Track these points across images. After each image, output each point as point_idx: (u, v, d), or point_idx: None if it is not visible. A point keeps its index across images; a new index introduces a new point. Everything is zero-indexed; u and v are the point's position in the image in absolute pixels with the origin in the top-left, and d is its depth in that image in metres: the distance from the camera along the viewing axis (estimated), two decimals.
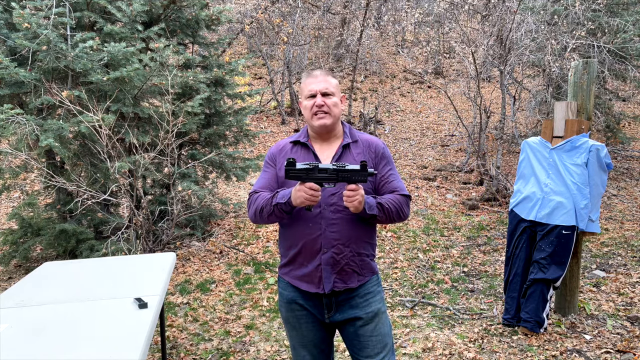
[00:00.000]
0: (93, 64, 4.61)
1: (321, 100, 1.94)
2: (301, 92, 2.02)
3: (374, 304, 1.99)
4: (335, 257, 1.91)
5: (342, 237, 1.90)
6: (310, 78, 1.99)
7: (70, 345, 1.89)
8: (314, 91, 1.95)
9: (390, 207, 1.91)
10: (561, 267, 3.49)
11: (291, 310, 2.03)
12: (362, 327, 1.96)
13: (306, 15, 12.77)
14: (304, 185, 1.79)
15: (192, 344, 3.57)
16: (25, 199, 5.28)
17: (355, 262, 1.95)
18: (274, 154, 2.05)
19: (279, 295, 2.09)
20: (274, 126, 11.38)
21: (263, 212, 1.92)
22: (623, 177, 8.86)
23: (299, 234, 1.93)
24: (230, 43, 10.65)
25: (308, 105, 1.97)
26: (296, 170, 1.79)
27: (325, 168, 1.79)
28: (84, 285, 2.59)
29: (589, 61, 3.74)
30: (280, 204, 1.86)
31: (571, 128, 3.61)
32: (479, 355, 3.27)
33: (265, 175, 2.05)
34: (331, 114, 1.95)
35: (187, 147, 6.04)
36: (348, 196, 1.80)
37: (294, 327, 2.05)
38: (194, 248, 5.61)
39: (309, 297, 1.98)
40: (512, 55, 8.06)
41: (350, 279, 1.95)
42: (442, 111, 13.00)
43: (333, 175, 1.80)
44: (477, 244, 5.78)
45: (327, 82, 1.97)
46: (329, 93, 1.95)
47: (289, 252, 1.99)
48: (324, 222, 1.90)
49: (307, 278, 1.95)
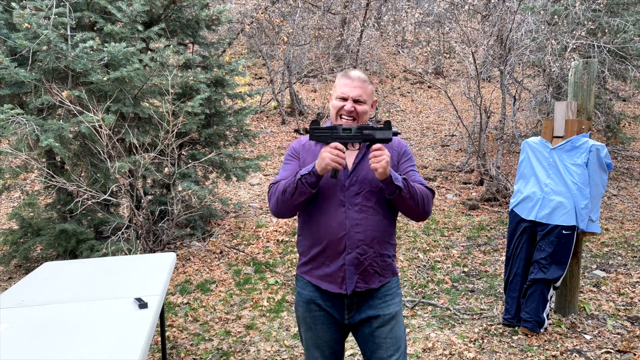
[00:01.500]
0: (93, 64, 4.61)
1: (351, 106, 1.90)
2: (334, 88, 1.97)
3: (392, 306, 1.97)
4: (359, 258, 1.88)
5: (366, 237, 1.88)
6: (345, 79, 1.94)
7: (71, 345, 1.89)
8: (346, 95, 1.90)
9: (416, 189, 1.86)
10: (561, 267, 3.49)
11: (309, 310, 1.99)
12: (378, 329, 1.94)
13: (306, 15, 12.77)
14: (328, 146, 1.76)
15: (192, 344, 3.57)
16: (26, 199, 5.28)
17: (377, 262, 1.92)
18: (297, 148, 2.02)
19: (297, 295, 2.05)
20: (274, 126, 11.38)
21: (286, 193, 1.85)
22: (623, 177, 8.86)
23: (322, 233, 1.90)
24: (231, 43, 10.64)
25: (337, 106, 1.92)
26: (321, 129, 1.78)
27: (349, 127, 1.80)
28: (84, 285, 2.59)
29: (589, 61, 3.74)
30: (304, 175, 1.81)
31: (571, 128, 3.61)
32: (479, 355, 3.27)
33: (288, 166, 2.00)
34: (358, 121, 1.92)
35: (187, 147, 6.04)
36: (375, 156, 1.75)
37: (310, 328, 2.01)
38: (194, 248, 5.61)
39: (329, 297, 1.95)
40: (512, 55, 8.06)
41: (372, 280, 1.93)
42: (442, 111, 13.00)
43: (358, 133, 1.78)
44: (477, 244, 5.78)
45: (362, 88, 1.91)
46: (362, 101, 1.91)
47: (310, 251, 1.96)
48: (348, 222, 1.87)
49: (330, 278, 1.92)
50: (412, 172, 1.98)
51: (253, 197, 7.54)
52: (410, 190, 1.84)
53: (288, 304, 4.25)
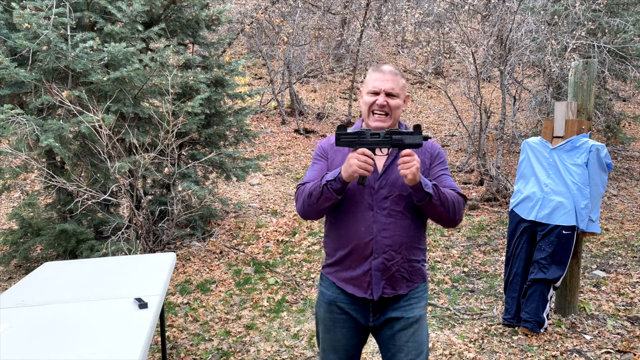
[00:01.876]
0: (93, 64, 4.61)
1: (383, 100, 1.82)
2: (364, 85, 1.90)
3: (416, 309, 1.90)
4: (386, 264, 1.83)
5: (394, 242, 1.82)
6: (377, 73, 1.86)
7: (71, 345, 1.89)
8: (378, 89, 1.83)
9: (447, 195, 1.78)
10: (561, 267, 3.49)
11: (330, 311, 1.94)
12: (400, 331, 1.88)
13: (306, 16, 12.77)
14: (355, 152, 1.69)
15: (192, 344, 3.57)
16: (26, 199, 5.28)
17: (405, 268, 1.87)
18: (326, 148, 1.96)
19: (320, 294, 2.00)
20: (274, 126, 11.38)
21: (312, 196, 1.80)
22: (623, 177, 8.86)
23: (349, 236, 1.85)
24: (231, 43, 10.65)
25: (368, 101, 1.85)
26: (348, 134, 1.71)
27: (377, 132, 1.72)
28: (84, 285, 2.59)
29: (589, 61, 3.74)
30: (329, 181, 1.75)
31: (571, 128, 3.61)
32: (479, 355, 3.27)
33: (316, 167, 1.95)
34: (391, 116, 1.85)
35: (187, 147, 6.04)
36: (404, 162, 1.67)
37: (329, 330, 1.96)
38: (194, 248, 5.61)
39: (353, 299, 1.90)
40: (512, 55, 8.06)
41: (399, 286, 1.87)
42: (442, 111, 13.00)
43: (386, 138, 1.71)
44: (477, 244, 5.78)
45: (394, 81, 1.84)
46: (394, 94, 1.84)
47: (336, 253, 1.91)
48: (376, 226, 1.81)
49: (355, 282, 1.87)
50: (444, 176, 1.90)
51: (253, 197, 7.54)
52: (441, 196, 1.76)
53: (288, 304, 4.25)
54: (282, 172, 8.83)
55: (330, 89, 13.91)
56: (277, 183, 8.27)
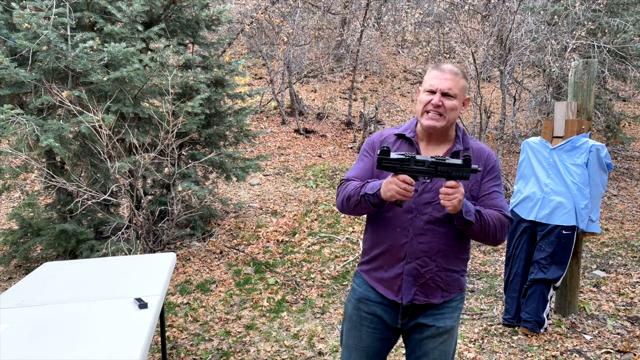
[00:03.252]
0: (93, 64, 4.61)
1: (439, 100, 1.74)
2: (424, 81, 1.83)
3: (449, 320, 1.84)
4: (419, 270, 1.77)
5: (430, 249, 1.76)
6: (436, 71, 1.78)
7: (70, 345, 1.89)
8: (435, 88, 1.75)
9: (489, 221, 1.72)
10: (561, 267, 3.49)
11: (357, 308, 1.91)
12: (428, 338, 1.83)
13: (306, 16, 12.77)
14: (396, 177, 1.63)
15: (192, 344, 3.57)
16: (26, 199, 5.28)
17: (441, 277, 1.79)
18: (375, 142, 1.88)
19: (352, 290, 1.97)
20: (274, 126, 11.38)
21: (350, 201, 1.78)
22: (623, 177, 8.86)
23: (384, 236, 1.81)
24: (231, 43, 10.65)
25: (424, 100, 1.77)
26: (390, 160, 1.63)
27: (423, 160, 1.62)
28: (84, 285, 2.59)
29: (589, 61, 3.74)
30: (368, 194, 1.71)
31: (571, 128, 3.61)
32: (479, 355, 3.27)
33: (361, 163, 1.89)
34: (445, 117, 1.75)
35: (188, 147, 6.04)
36: (446, 193, 1.61)
37: (355, 327, 1.92)
38: (194, 248, 5.61)
39: (383, 299, 1.86)
40: (512, 55, 8.06)
41: (433, 294, 1.81)
42: None
43: (431, 168, 1.62)
44: (477, 244, 5.78)
45: (454, 81, 1.75)
46: (452, 95, 1.75)
47: (371, 251, 1.88)
48: (412, 230, 1.76)
49: (386, 283, 1.84)
50: (495, 193, 1.81)
51: (253, 197, 7.53)
52: (483, 222, 1.71)
53: (288, 304, 4.25)
54: (282, 172, 8.83)
55: (330, 89, 13.91)
56: (277, 183, 8.27)
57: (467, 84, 1.83)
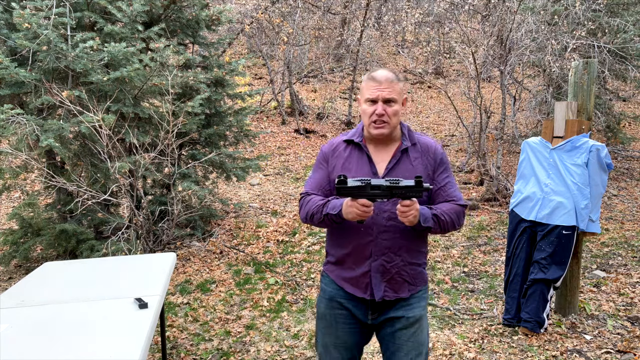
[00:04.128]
0: (93, 64, 4.61)
1: (382, 109, 1.83)
2: (362, 92, 1.91)
3: (417, 309, 1.93)
4: (386, 266, 1.86)
5: (394, 245, 1.85)
6: (372, 82, 1.86)
7: (70, 345, 1.89)
8: (376, 97, 1.83)
9: (445, 219, 1.84)
10: (561, 267, 3.49)
11: (330, 307, 1.98)
12: (400, 330, 1.91)
13: (306, 16, 12.76)
14: (356, 202, 1.72)
15: (192, 344, 3.57)
16: (26, 199, 5.28)
17: (406, 271, 1.89)
18: (327, 153, 1.98)
19: (321, 291, 2.04)
20: (274, 126, 11.38)
21: (314, 219, 1.88)
22: (623, 177, 8.86)
23: (349, 237, 1.89)
24: (231, 43, 10.65)
25: (367, 111, 1.86)
26: (348, 188, 1.73)
27: (378, 185, 1.72)
28: (84, 285, 2.59)
29: (589, 61, 3.74)
30: (330, 214, 1.82)
31: (571, 128, 3.61)
32: (479, 355, 3.27)
33: (316, 175, 1.99)
34: (390, 123, 1.85)
35: (188, 147, 6.04)
36: (402, 211, 1.73)
37: (330, 325, 1.99)
38: (194, 248, 5.61)
39: (351, 297, 1.94)
40: (512, 55, 8.06)
41: (401, 289, 1.90)
42: (443, 111, 13.00)
43: (386, 192, 1.73)
44: (477, 244, 5.78)
45: (391, 87, 1.83)
46: (392, 100, 1.84)
47: (337, 253, 1.96)
48: (376, 228, 1.84)
49: (354, 281, 1.91)
50: (449, 184, 1.94)
51: (253, 197, 7.53)
52: (441, 224, 1.84)
53: (288, 304, 4.25)
54: (282, 172, 8.83)
55: (330, 89, 13.91)
56: (277, 183, 8.27)
57: (403, 85, 1.90)
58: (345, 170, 1.90)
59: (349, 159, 1.92)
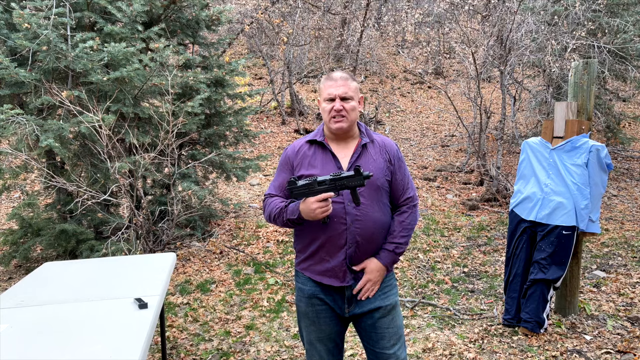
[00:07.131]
0: (93, 64, 4.61)
1: (340, 105, 1.97)
2: (320, 93, 2.06)
3: (391, 297, 2.06)
4: (360, 252, 1.97)
5: (366, 232, 1.96)
6: (329, 81, 2.01)
7: (70, 345, 1.89)
8: (333, 95, 1.98)
9: (405, 240, 2.03)
10: (561, 267, 3.49)
11: (311, 304, 2.06)
12: (380, 319, 2.02)
13: (306, 16, 12.77)
14: (314, 201, 1.84)
15: (192, 344, 3.57)
16: (25, 199, 5.28)
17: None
18: (290, 156, 2.08)
19: (298, 291, 2.11)
20: (274, 126, 11.38)
21: (277, 222, 2.01)
22: (623, 178, 8.86)
23: (320, 230, 1.97)
24: (231, 43, 10.65)
25: (326, 108, 2.00)
26: (298, 187, 1.88)
27: (323, 180, 1.86)
28: (84, 285, 2.59)
29: (589, 61, 3.74)
30: (292, 219, 1.94)
31: (571, 128, 3.61)
32: (479, 355, 3.27)
33: (280, 177, 2.10)
34: (348, 118, 1.99)
35: (187, 147, 6.04)
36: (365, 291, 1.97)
37: (313, 322, 2.07)
38: (194, 248, 5.61)
39: (329, 291, 2.03)
40: (512, 55, 8.06)
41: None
42: (442, 111, 13.00)
43: (332, 185, 1.85)
44: (477, 244, 5.78)
45: (346, 86, 1.99)
46: (348, 97, 1.98)
47: (308, 248, 2.03)
48: (349, 217, 1.94)
49: (330, 272, 1.99)
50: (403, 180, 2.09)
51: (253, 197, 7.54)
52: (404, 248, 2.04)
53: (288, 304, 4.25)
54: None
55: None
56: None
57: (358, 85, 2.07)
58: (312, 167, 2.01)
59: (314, 157, 2.03)
